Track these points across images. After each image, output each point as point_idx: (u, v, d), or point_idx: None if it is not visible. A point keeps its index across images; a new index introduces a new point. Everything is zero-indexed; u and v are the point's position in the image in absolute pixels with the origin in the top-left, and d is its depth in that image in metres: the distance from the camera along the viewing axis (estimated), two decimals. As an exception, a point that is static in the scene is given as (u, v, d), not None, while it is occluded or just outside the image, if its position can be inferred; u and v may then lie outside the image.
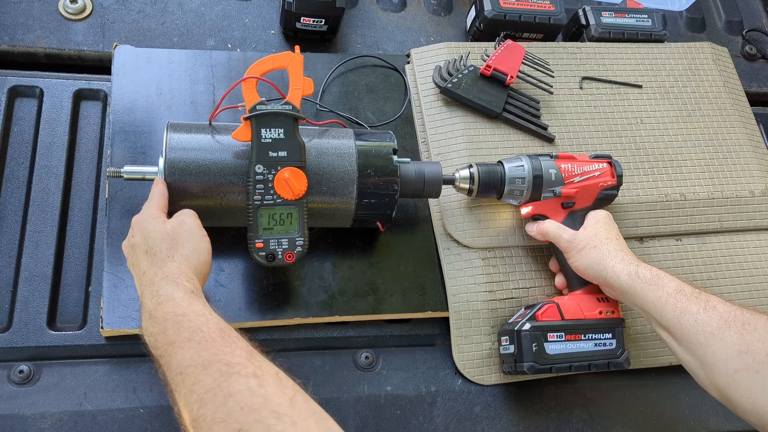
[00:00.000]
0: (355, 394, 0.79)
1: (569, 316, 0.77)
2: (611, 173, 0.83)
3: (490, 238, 0.86)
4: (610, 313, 0.78)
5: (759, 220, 0.95)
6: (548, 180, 0.81)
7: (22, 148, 0.86)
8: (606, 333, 0.77)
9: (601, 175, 0.82)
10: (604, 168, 0.83)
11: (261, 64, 0.75)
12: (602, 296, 0.79)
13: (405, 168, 0.80)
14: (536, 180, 0.80)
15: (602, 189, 0.82)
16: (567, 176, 0.81)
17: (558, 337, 0.75)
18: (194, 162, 0.74)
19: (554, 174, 0.81)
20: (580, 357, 0.76)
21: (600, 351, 0.76)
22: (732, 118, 1.02)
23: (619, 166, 0.83)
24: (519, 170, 0.81)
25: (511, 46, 0.95)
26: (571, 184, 0.81)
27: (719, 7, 1.25)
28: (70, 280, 0.80)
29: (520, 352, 0.75)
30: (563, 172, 0.81)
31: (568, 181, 0.81)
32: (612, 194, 0.83)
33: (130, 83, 0.90)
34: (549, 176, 0.81)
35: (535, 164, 0.81)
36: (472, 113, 0.94)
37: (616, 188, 0.83)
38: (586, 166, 0.82)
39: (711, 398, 0.86)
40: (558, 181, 0.81)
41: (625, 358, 0.77)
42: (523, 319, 0.77)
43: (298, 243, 0.73)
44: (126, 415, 0.73)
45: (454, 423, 0.79)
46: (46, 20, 0.95)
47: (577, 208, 0.82)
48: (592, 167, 0.82)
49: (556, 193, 0.81)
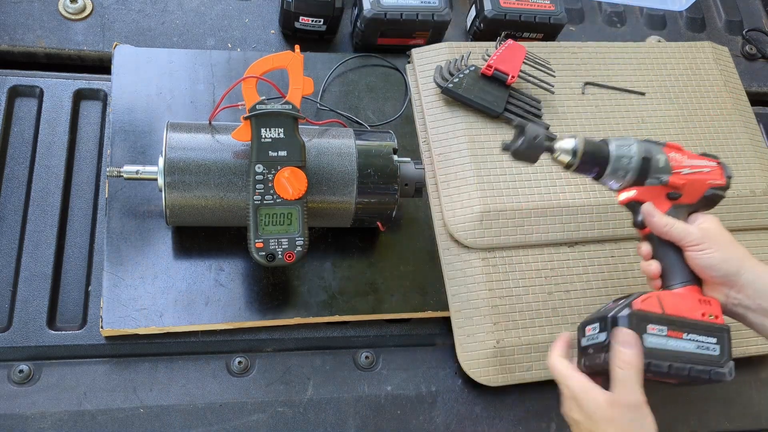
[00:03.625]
0: (355, 394, 0.79)
1: (671, 311, 0.68)
2: (720, 173, 0.76)
3: (491, 238, 0.86)
4: (713, 317, 0.70)
5: (760, 219, 0.95)
6: (656, 166, 0.73)
7: (22, 148, 0.86)
8: (710, 337, 0.68)
9: (711, 172, 0.76)
10: (715, 167, 0.76)
11: (261, 63, 0.75)
12: (704, 299, 0.71)
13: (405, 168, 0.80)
14: (644, 163, 0.73)
15: (710, 187, 0.75)
16: (675, 165, 0.74)
17: (659, 331, 0.67)
18: (194, 161, 0.74)
19: (663, 160, 0.74)
20: (682, 357, 0.67)
21: (702, 356, 0.68)
22: (732, 117, 1.02)
23: (728, 168, 0.77)
24: (626, 149, 0.73)
25: (512, 46, 0.95)
26: (679, 174, 0.74)
27: (719, 7, 1.25)
28: (70, 280, 0.80)
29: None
30: (672, 161, 0.74)
31: (676, 170, 0.74)
32: (719, 195, 0.76)
33: (130, 83, 0.90)
34: (657, 162, 0.73)
35: (645, 147, 0.74)
36: (473, 113, 0.94)
37: (724, 189, 0.76)
38: (696, 161, 0.76)
39: (711, 398, 0.86)
40: (666, 169, 0.74)
41: (729, 370, 0.68)
42: (616, 307, 0.69)
43: (298, 243, 0.73)
44: (126, 415, 0.73)
45: (455, 423, 0.79)
46: (46, 20, 0.95)
47: (682, 201, 0.75)
48: (701, 162, 0.76)
49: (662, 180, 0.73)
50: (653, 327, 0.67)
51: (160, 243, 0.81)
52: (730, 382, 0.71)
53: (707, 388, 0.86)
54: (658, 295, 0.70)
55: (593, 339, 0.69)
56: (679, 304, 0.69)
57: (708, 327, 0.69)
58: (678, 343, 0.67)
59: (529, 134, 0.70)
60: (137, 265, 0.79)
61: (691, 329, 0.68)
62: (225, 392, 0.76)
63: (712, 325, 0.69)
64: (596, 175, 0.74)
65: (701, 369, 0.67)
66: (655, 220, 0.73)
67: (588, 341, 0.70)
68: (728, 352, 0.69)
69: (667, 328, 0.67)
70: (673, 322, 0.68)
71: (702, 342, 0.68)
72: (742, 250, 0.71)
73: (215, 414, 0.75)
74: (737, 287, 0.70)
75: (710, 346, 0.68)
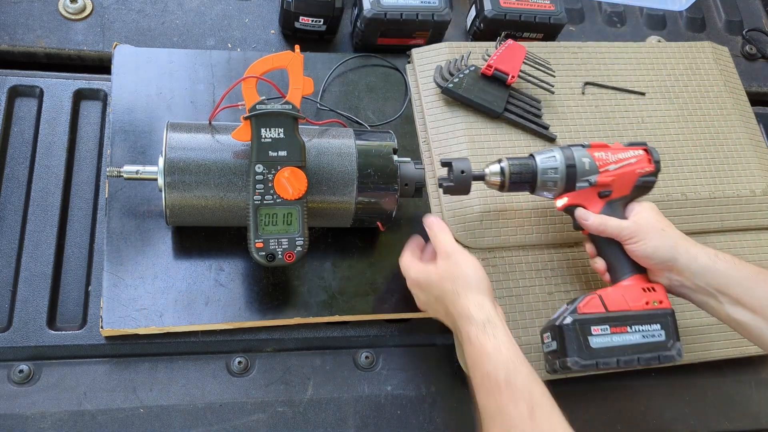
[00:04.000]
0: (355, 394, 0.79)
1: (613, 307, 0.73)
2: (648, 160, 0.79)
3: (491, 238, 0.86)
4: (657, 303, 0.74)
5: (760, 220, 0.95)
6: (582, 169, 0.77)
7: (22, 148, 0.86)
8: (654, 324, 0.73)
9: (637, 161, 0.79)
10: (641, 155, 0.79)
11: (261, 63, 0.75)
12: (648, 286, 0.75)
13: (405, 168, 0.80)
14: (570, 170, 0.77)
15: (640, 176, 0.79)
16: (602, 164, 0.78)
17: (603, 330, 0.71)
18: (194, 161, 0.74)
19: (588, 163, 0.77)
20: (628, 350, 0.71)
21: (648, 343, 0.72)
22: (733, 117, 1.02)
23: (655, 153, 0.80)
24: (551, 161, 0.78)
25: (512, 46, 0.95)
26: (606, 172, 0.78)
27: (719, 7, 1.25)
28: (70, 280, 0.80)
29: (563, 347, 0.71)
30: (597, 161, 0.78)
31: (603, 169, 0.78)
32: (650, 181, 0.80)
33: (130, 83, 0.90)
34: (582, 165, 0.77)
35: (568, 154, 0.78)
36: (473, 113, 0.94)
37: (654, 175, 0.79)
38: (621, 154, 0.79)
39: (711, 398, 0.86)
40: (592, 170, 0.77)
41: (677, 351, 0.73)
42: (564, 313, 0.74)
43: (298, 243, 0.73)
44: (126, 415, 0.73)
45: (454, 423, 0.79)
46: (46, 20, 0.95)
47: (614, 197, 0.79)
48: (627, 154, 0.79)
49: (591, 182, 0.77)
50: (596, 328, 0.71)
51: (160, 243, 0.81)
52: (731, 382, 0.71)
53: (707, 388, 0.87)
54: (601, 294, 0.74)
55: (549, 346, 0.74)
56: (622, 298, 0.74)
57: (651, 315, 0.73)
58: (623, 337, 0.72)
59: (456, 169, 0.78)
60: (137, 265, 0.79)
61: (635, 321, 0.72)
62: (225, 392, 0.76)
63: (655, 312, 0.73)
64: (530, 189, 0.80)
65: (650, 356, 0.72)
66: (589, 223, 0.78)
67: (546, 348, 0.75)
68: (674, 334, 0.73)
69: (610, 326, 0.72)
70: (616, 319, 0.72)
71: (646, 331, 0.73)
72: (675, 235, 0.74)
73: (215, 414, 0.75)
74: (676, 271, 0.73)
75: (655, 333, 0.73)
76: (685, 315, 0.86)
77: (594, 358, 0.71)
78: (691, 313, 0.87)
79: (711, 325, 0.87)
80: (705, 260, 0.71)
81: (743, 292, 0.68)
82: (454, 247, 0.73)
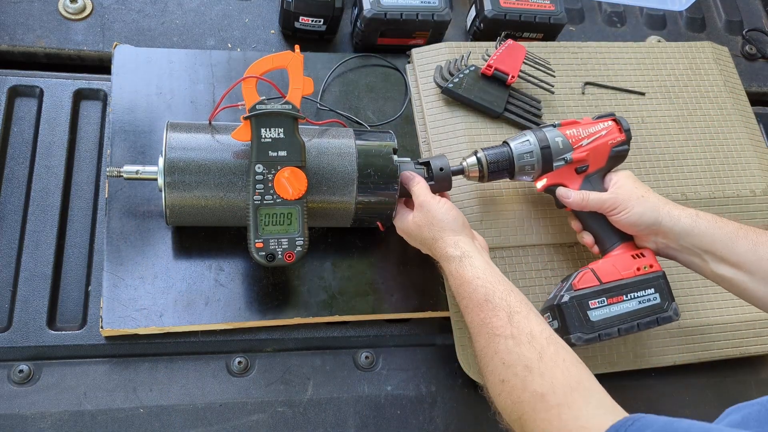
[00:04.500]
0: (355, 394, 0.79)
1: (607, 279, 0.75)
2: (618, 129, 0.82)
3: (491, 238, 0.86)
4: (648, 267, 0.76)
5: (760, 220, 0.95)
6: (556, 149, 0.80)
7: (22, 148, 0.86)
8: (648, 289, 0.75)
9: (608, 133, 0.81)
10: (610, 126, 0.82)
11: (261, 63, 0.75)
12: (637, 252, 0.77)
13: (418, 171, 0.80)
14: (544, 151, 0.79)
15: (612, 147, 0.81)
16: (574, 141, 0.80)
17: (600, 303, 0.74)
18: (194, 161, 0.74)
19: (561, 141, 0.80)
20: (627, 318, 0.74)
21: (645, 308, 0.75)
22: (732, 117, 1.02)
23: (624, 122, 0.82)
24: (525, 145, 0.80)
25: (512, 46, 0.95)
26: (580, 148, 0.80)
27: (719, 7, 1.24)
28: (70, 280, 0.80)
29: (564, 325, 0.74)
30: (570, 138, 0.80)
31: (576, 146, 0.80)
32: (624, 150, 0.82)
33: (130, 83, 0.90)
34: (556, 145, 0.80)
35: (540, 136, 0.80)
36: (473, 113, 0.94)
37: (626, 143, 0.82)
38: (592, 128, 0.81)
39: (711, 398, 0.86)
40: (567, 148, 0.80)
41: (673, 311, 0.75)
42: (560, 292, 0.76)
43: (298, 243, 0.73)
44: (126, 415, 0.73)
45: (454, 423, 0.79)
46: (46, 20, 0.95)
47: (591, 171, 0.81)
48: (597, 128, 0.81)
49: (567, 159, 0.80)
50: (594, 302, 0.74)
51: (160, 243, 0.81)
52: (731, 382, 0.71)
53: (707, 388, 0.87)
54: (593, 267, 0.76)
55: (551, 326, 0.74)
56: (613, 268, 0.76)
57: (644, 280, 0.76)
58: (621, 305, 0.75)
59: (434, 168, 0.80)
60: (137, 265, 0.79)
61: (629, 289, 0.75)
62: (225, 392, 0.76)
63: (647, 276, 0.76)
64: (509, 176, 0.82)
65: (648, 320, 0.75)
66: (571, 201, 0.80)
67: None
68: (668, 295, 0.76)
69: (606, 298, 0.74)
70: (611, 290, 0.75)
71: (642, 296, 0.75)
72: (655, 199, 0.76)
73: (215, 414, 0.75)
74: (661, 234, 0.75)
75: (651, 297, 0.75)
76: (685, 315, 0.86)
77: (596, 330, 0.73)
78: (691, 313, 0.87)
79: (711, 325, 0.87)
80: (687, 221, 0.73)
81: (725, 249, 0.70)
82: (426, 197, 0.76)
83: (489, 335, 0.64)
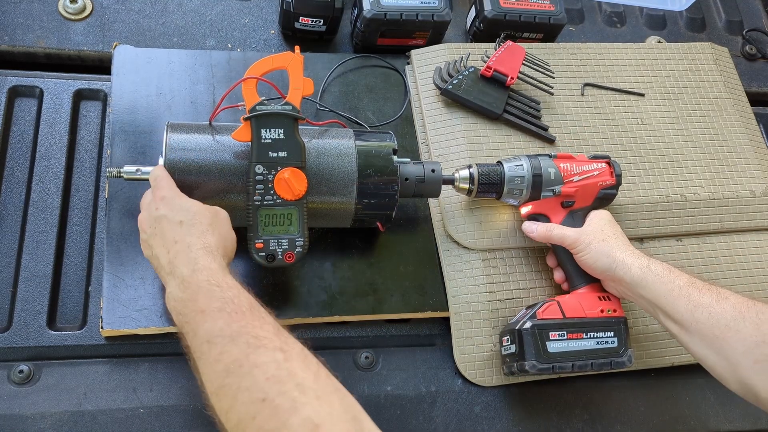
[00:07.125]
0: (355, 394, 0.78)
1: (570, 314, 0.76)
2: (610, 173, 0.83)
3: (491, 239, 0.86)
4: (611, 311, 0.78)
5: (760, 220, 0.95)
6: (547, 179, 0.81)
7: (22, 148, 0.86)
8: (608, 331, 0.77)
9: (600, 174, 0.83)
10: (603, 168, 0.83)
11: (261, 64, 0.75)
12: (604, 294, 0.79)
13: (405, 168, 0.80)
14: (535, 179, 0.81)
15: (602, 188, 0.83)
16: (566, 175, 0.81)
17: (560, 336, 0.75)
18: (194, 162, 0.74)
19: (553, 173, 0.81)
20: (583, 355, 0.75)
21: (602, 349, 0.76)
22: (732, 118, 1.02)
23: (617, 166, 0.84)
24: (518, 170, 0.81)
25: (512, 47, 0.95)
26: (570, 183, 0.81)
27: (719, 7, 1.24)
28: (70, 280, 0.80)
29: (521, 350, 0.75)
30: (562, 171, 0.81)
31: (567, 180, 0.81)
32: (611, 194, 0.83)
33: (130, 83, 0.90)
34: (548, 175, 0.81)
35: (534, 163, 0.81)
36: (472, 114, 0.94)
37: (615, 188, 0.83)
38: (585, 166, 0.83)
39: (711, 398, 0.86)
40: (557, 180, 0.81)
41: (628, 357, 0.76)
42: (524, 318, 0.77)
43: (298, 243, 0.73)
44: (126, 415, 0.73)
45: (454, 423, 0.79)
46: (46, 20, 0.95)
47: (576, 207, 0.82)
48: (590, 167, 0.83)
49: (556, 192, 0.81)
50: (554, 333, 0.75)
51: (160, 243, 0.81)
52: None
53: (707, 388, 0.87)
54: (560, 300, 0.77)
55: (508, 349, 0.77)
56: (578, 305, 0.77)
57: (605, 322, 0.77)
58: (579, 342, 0.76)
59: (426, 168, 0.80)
60: (137, 265, 0.79)
61: (591, 328, 0.76)
62: (225, 392, 0.76)
63: (609, 320, 0.77)
64: (496, 196, 0.83)
65: (602, 362, 0.76)
66: (534, 235, 0.82)
67: (505, 351, 0.78)
68: (625, 341, 0.77)
69: (567, 332, 0.75)
70: (573, 325, 0.76)
71: (601, 337, 0.76)
72: (614, 245, 0.76)
73: (215, 414, 0.75)
74: (617, 281, 0.75)
75: (609, 340, 0.76)
76: (685, 315, 0.86)
77: (551, 362, 0.74)
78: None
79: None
80: (637, 272, 0.72)
81: (667, 305, 0.69)
82: (169, 195, 0.70)
83: (247, 345, 0.55)
